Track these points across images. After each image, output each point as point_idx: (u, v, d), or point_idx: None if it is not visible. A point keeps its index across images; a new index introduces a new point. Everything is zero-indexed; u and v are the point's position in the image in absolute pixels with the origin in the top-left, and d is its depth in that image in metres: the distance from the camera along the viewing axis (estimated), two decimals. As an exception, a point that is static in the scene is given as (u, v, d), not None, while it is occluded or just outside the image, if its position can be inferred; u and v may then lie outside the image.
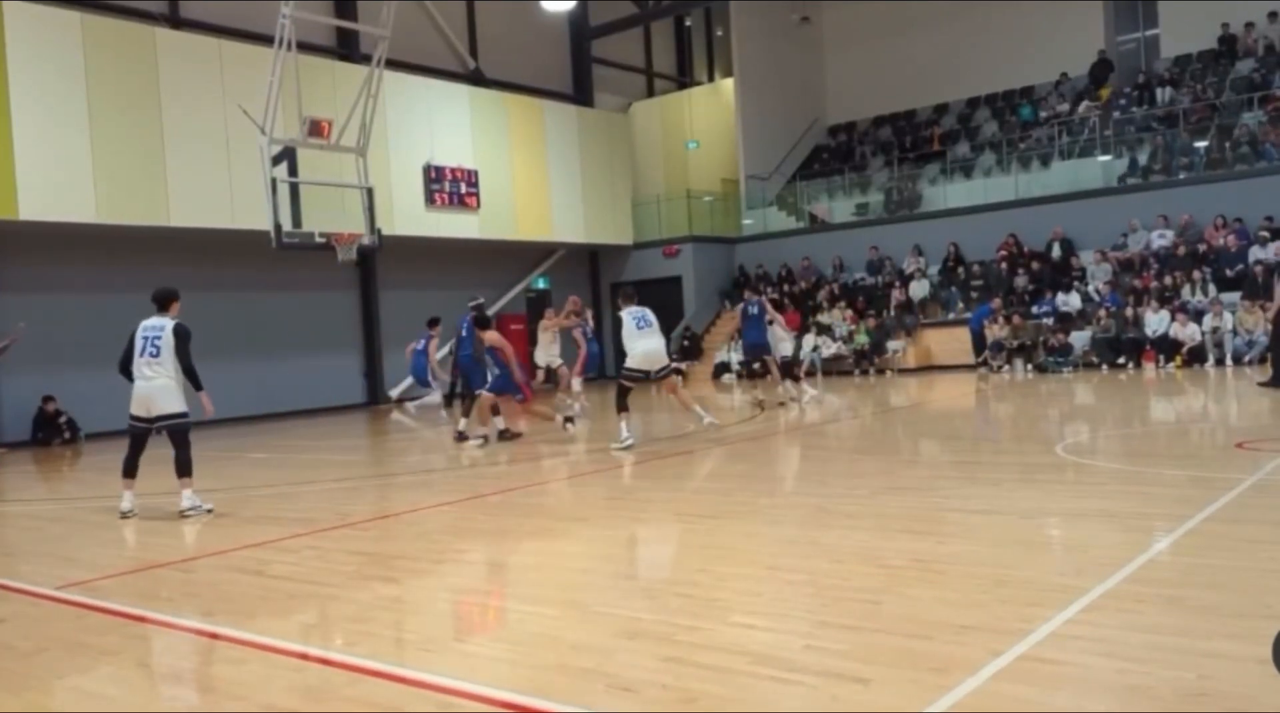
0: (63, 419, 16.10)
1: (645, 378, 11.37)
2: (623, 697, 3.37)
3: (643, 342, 11.13)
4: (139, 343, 7.81)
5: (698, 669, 3.57)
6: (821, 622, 4.05)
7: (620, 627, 4.16)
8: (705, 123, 27.07)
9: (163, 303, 7.98)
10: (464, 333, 12.79)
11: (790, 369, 15.29)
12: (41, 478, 12.39)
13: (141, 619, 4.81)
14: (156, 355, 7.75)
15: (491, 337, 11.52)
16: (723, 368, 22.57)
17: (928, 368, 20.78)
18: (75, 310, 16.76)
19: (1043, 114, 23.85)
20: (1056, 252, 20.60)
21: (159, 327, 7.86)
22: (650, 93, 28.50)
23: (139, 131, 15.85)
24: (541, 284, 24.68)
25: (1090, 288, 19.48)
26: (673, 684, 3.45)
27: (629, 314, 11.25)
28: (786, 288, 23.83)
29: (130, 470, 7.97)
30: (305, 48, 15.77)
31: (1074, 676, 3.32)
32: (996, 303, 19.50)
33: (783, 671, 3.50)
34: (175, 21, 18.13)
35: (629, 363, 11.14)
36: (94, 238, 16.48)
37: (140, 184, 15.83)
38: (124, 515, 7.88)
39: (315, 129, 14.02)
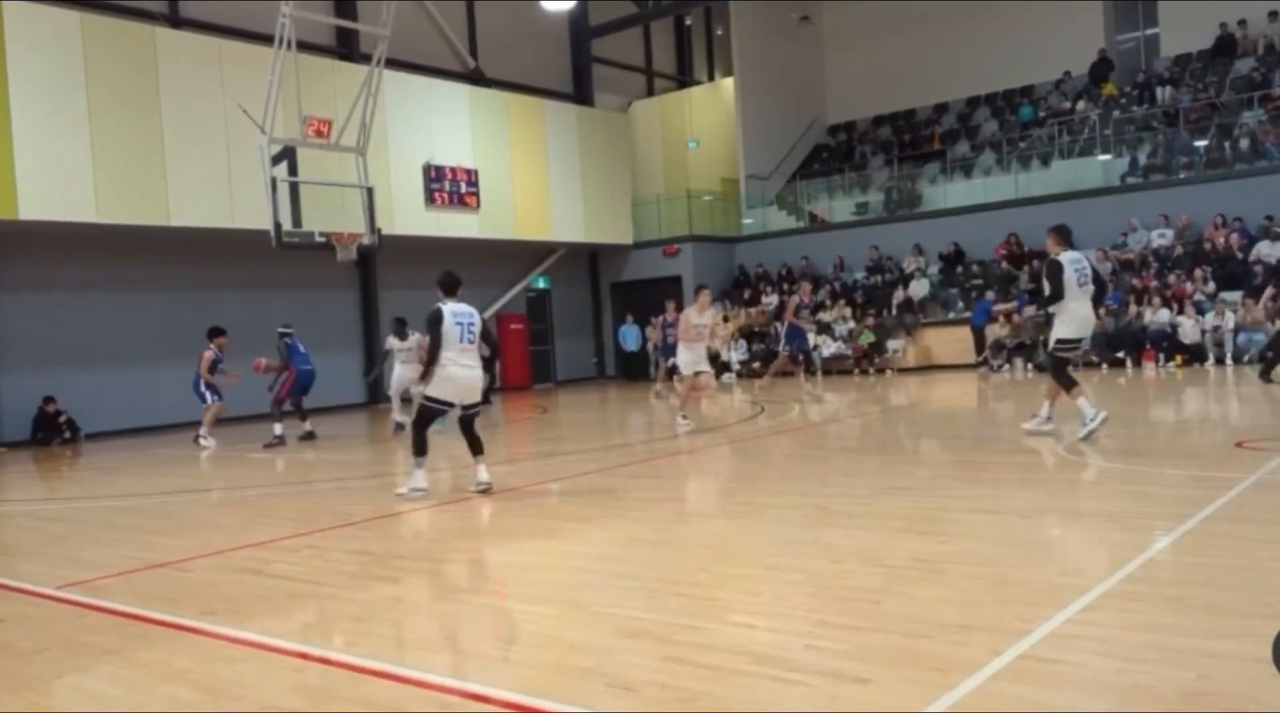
0: (63, 419, 16.10)
1: (1077, 349, 9.14)
2: (622, 696, 3.37)
3: (1084, 304, 8.63)
4: (455, 330, 7.38)
5: (697, 669, 3.57)
6: (822, 622, 4.05)
7: (620, 626, 4.16)
8: (705, 122, 27.07)
9: (454, 288, 7.66)
10: (302, 349, 13.57)
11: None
12: (41, 478, 12.39)
13: (142, 619, 4.81)
14: (473, 342, 7.51)
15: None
16: (723, 368, 22.56)
17: (928, 367, 20.78)
18: (75, 310, 16.76)
19: (1042, 113, 23.85)
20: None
21: (470, 313, 7.56)
22: (650, 92, 28.50)
23: (139, 131, 15.85)
24: (541, 284, 24.70)
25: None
26: (672, 684, 3.45)
27: (1069, 261, 8.59)
28: (787, 287, 23.81)
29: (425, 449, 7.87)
30: (305, 47, 15.78)
31: (1074, 675, 3.32)
32: (991, 296, 19.45)
33: (783, 670, 3.50)
34: (175, 21, 18.13)
35: (1066, 332, 8.67)
36: (94, 238, 16.47)
37: (140, 184, 15.82)
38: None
39: (315, 129, 14.02)
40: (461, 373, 7.46)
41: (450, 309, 7.46)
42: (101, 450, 14.82)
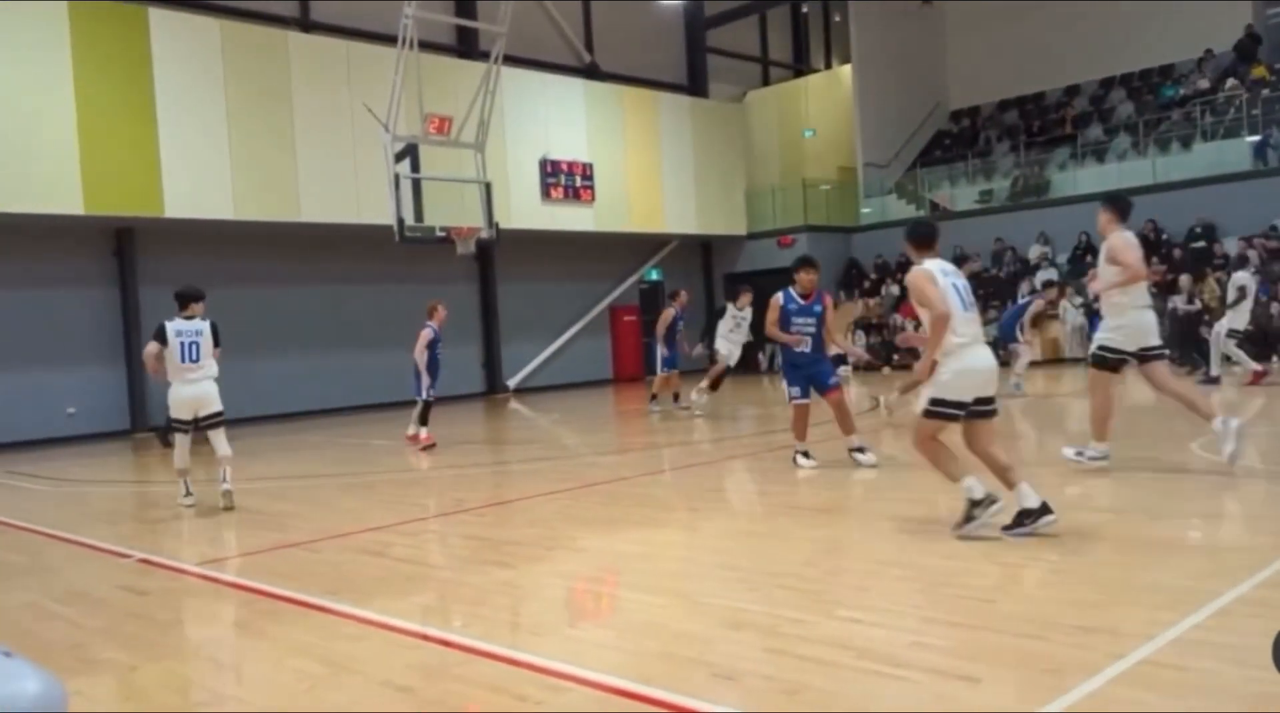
0: (203, 407, 17.00)
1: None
2: (725, 686, 3.38)
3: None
4: (960, 291, 5.80)
5: (801, 662, 3.55)
6: (930, 618, 3.97)
7: (725, 617, 4.17)
8: (822, 111, 26.64)
9: (930, 242, 6.25)
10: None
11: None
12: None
13: (271, 596, 5.07)
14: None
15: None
16: (839, 360, 22.16)
17: (1055, 361, 20.00)
18: (211, 303, 17.57)
19: (1183, 92, 22.58)
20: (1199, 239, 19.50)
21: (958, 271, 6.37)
22: (766, 82, 28.22)
23: (273, 131, 16.60)
24: (654, 276, 24.79)
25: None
26: (775, 675, 3.44)
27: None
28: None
29: None
30: (426, 46, 16.19)
31: (1199, 683, 3.16)
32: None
33: (888, 666, 3.45)
34: (306, 25, 18.90)
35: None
36: (228, 233, 17.32)
37: (274, 182, 16.57)
38: None
39: (436, 126, 14.41)
40: None
41: None
42: (235, 437, 15.59)
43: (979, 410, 5.43)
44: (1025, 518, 5.20)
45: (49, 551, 6.88)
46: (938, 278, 5.50)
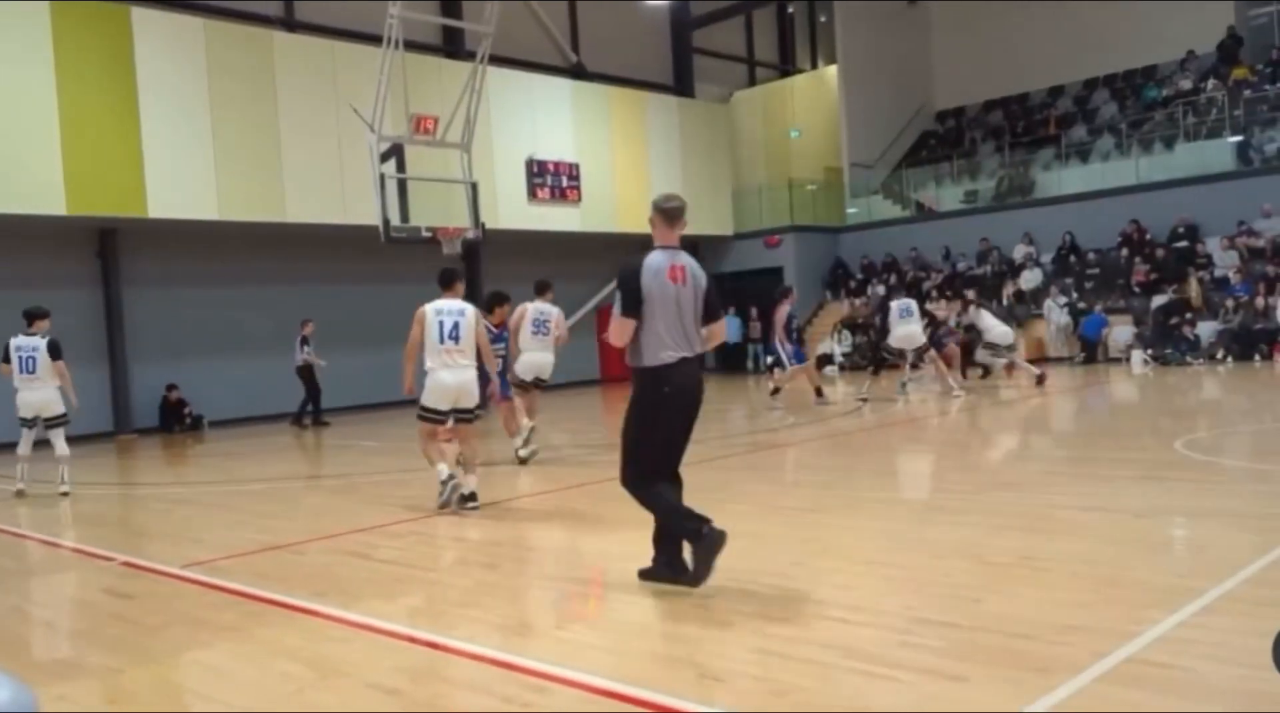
0: (186, 408, 16.93)
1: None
2: (713, 687, 3.38)
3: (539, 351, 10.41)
4: (444, 326, 7.03)
5: (789, 662, 3.56)
6: (919, 618, 3.98)
7: (713, 617, 4.17)
8: (808, 111, 26.71)
9: (449, 284, 7.25)
10: None
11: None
12: (168, 463, 13.06)
13: (258, 599, 5.04)
14: (458, 341, 7.08)
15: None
16: (825, 360, 22.25)
17: (1040, 360, 20.09)
18: (196, 304, 17.57)
19: (1165, 93, 22.74)
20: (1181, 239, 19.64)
21: (460, 310, 7.13)
22: (752, 82, 28.27)
23: (257, 132, 16.51)
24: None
25: (1215, 275, 18.53)
26: (763, 676, 3.44)
27: (533, 310, 10.41)
28: (891, 278, 23.36)
29: None
30: (412, 46, 16.16)
31: (1185, 680, 3.18)
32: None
33: (876, 666, 3.45)
34: (290, 25, 18.81)
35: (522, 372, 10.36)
36: (214, 234, 17.23)
37: (259, 182, 16.48)
38: None
39: (422, 126, 14.37)
40: (447, 375, 7.09)
41: (439, 306, 7.11)
42: (223, 437, 15.54)
43: (460, 417, 7.21)
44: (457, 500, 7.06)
45: (32, 554, 6.83)
46: (428, 315, 7.02)
